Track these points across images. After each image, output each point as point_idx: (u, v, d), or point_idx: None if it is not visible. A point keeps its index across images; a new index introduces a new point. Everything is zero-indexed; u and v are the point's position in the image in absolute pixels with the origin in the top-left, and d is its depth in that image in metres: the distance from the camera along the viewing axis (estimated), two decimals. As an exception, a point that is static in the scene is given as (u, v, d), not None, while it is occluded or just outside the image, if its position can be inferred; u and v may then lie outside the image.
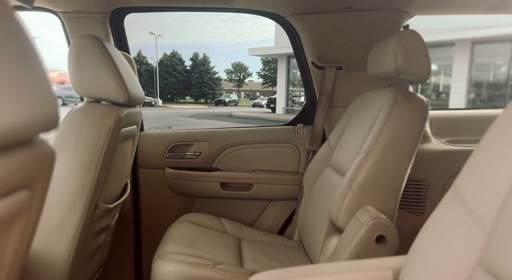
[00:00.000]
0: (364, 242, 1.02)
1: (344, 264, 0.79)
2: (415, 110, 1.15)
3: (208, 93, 36.65)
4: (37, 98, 0.48)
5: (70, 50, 1.14)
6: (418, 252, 0.67)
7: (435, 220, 0.66)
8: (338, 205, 1.14)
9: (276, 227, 1.79)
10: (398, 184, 1.13)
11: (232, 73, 44.02)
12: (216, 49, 68.73)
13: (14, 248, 0.56)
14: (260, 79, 40.43)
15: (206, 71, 37.00)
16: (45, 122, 0.50)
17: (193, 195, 1.77)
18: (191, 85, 36.52)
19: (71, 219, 1.05)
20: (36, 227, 0.63)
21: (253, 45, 75.40)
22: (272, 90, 36.50)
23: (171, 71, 35.87)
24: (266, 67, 38.55)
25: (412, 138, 1.13)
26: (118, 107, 1.17)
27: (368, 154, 1.13)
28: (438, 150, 1.62)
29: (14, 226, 0.54)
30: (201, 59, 37.51)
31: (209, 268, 1.16)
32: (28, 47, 0.49)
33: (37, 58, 0.50)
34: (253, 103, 27.64)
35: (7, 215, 0.49)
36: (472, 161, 0.63)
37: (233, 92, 41.51)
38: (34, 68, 0.49)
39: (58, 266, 1.05)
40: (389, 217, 1.09)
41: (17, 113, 0.43)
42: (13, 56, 0.45)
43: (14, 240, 0.55)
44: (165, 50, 50.43)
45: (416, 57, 1.15)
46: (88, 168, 1.06)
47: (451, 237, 0.61)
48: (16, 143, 0.47)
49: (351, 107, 1.48)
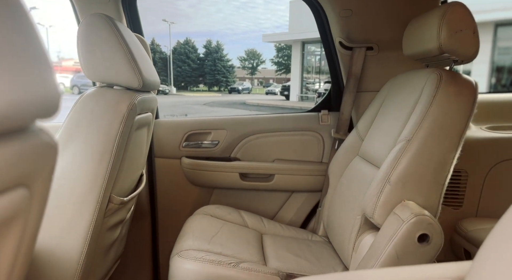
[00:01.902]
0: (405, 241, 0.92)
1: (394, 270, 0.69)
2: (463, 93, 1.02)
3: (222, 81, 36.50)
4: (31, 81, 0.39)
5: (79, 31, 1.04)
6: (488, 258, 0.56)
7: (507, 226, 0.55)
8: (373, 199, 1.03)
9: (298, 220, 1.69)
10: (443, 176, 1.01)
11: (246, 60, 43.67)
12: (229, 36, 68.16)
13: (13, 250, 0.48)
14: (273, 66, 40.01)
15: (219, 59, 36.80)
16: (43, 107, 0.41)
17: (211, 186, 1.68)
18: (204, 73, 36.42)
19: (84, 214, 0.97)
20: (38, 228, 0.55)
21: (267, 31, 74.52)
22: (286, 78, 36.10)
23: (184, 59, 35.80)
24: (280, 54, 38.07)
25: (459, 125, 1.00)
26: (132, 93, 1.07)
27: (408, 143, 1.01)
28: (478, 138, 1.48)
29: (10, 228, 0.45)
30: (214, 46, 37.28)
31: (232, 266, 1.08)
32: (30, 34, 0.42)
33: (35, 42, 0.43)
34: (266, 91, 27.41)
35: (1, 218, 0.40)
36: None
37: (246, 80, 41.24)
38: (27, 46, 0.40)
39: (71, 263, 0.98)
40: (432, 213, 0.98)
41: (8, 96, 0.34)
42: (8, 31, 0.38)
43: (12, 242, 0.47)
44: (179, 38, 50.30)
45: (463, 33, 1.02)
46: (100, 158, 0.98)
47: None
48: (7, 131, 0.38)
49: (384, 91, 1.36)
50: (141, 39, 1.44)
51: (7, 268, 0.49)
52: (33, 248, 0.57)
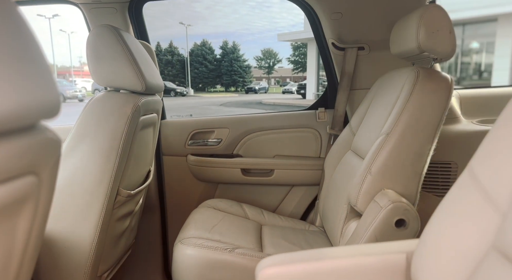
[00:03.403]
0: (383, 226, 1.00)
1: (357, 247, 0.78)
2: (438, 89, 1.09)
3: (238, 81, 36.73)
4: (37, 86, 0.50)
5: (88, 41, 1.17)
6: (431, 234, 0.65)
7: (449, 202, 0.63)
8: (356, 188, 1.11)
9: (298, 213, 1.78)
10: (420, 166, 1.08)
11: (262, 60, 43.76)
12: (245, 36, 68.45)
13: (26, 231, 0.59)
14: (290, 65, 39.95)
15: (236, 59, 37.02)
16: (46, 109, 0.52)
17: (215, 181, 1.79)
18: (221, 74, 36.73)
19: (94, 205, 1.09)
20: (48, 213, 0.66)
21: (282, 30, 74.33)
22: (302, 76, 36.00)
23: (201, 61, 36.21)
24: (296, 52, 37.97)
25: (434, 118, 1.07)
26: (136, 96, 1.19)
27: (388, 136, 1.09)
28: (469, 131, 1.53)
29: (22, 209, 0.56)
30: (231, 47, 37.53)
31: (228, 251, 1.18)
32: (29, 40, 0.50)
33: (38, 51, 0.52)
34: (283, 89, 27.42)
35: (13, 199, 0.51)
36: (488, 140, 0.60)
37: (263, 80, 41.34)
38: (34, 59, 0.51)
39: (83, 250, 1.10)
40: (410, 201, 1.05)
41: (17, 100, 0.44)
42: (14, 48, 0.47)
43: (25, 223, 0.58)
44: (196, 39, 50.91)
45: (440, 33, 1.08)
46: (108, 155, 1.10)
47: (465, 219, 0.58)
48: (17, 128, 0.48)
49: (374, 88, 1.43)
50: (146, 45, 1.56)
51: (21, 246, 0.61)
52: (43, 231, 0.68)
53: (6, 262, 0.57)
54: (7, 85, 0.44)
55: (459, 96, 1.65)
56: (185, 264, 1.18)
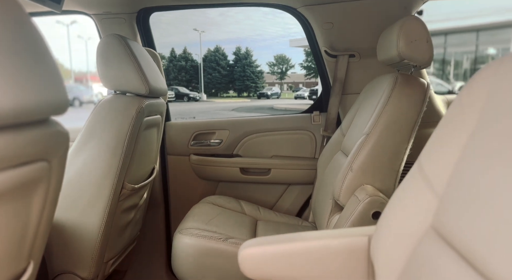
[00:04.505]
0: (361, 218, 1.09)
1: (327, 231, 0.87)
2: (414, 93, 1.18)
3: (251, 86, 36.93)
4: (48, 86, 0.60)
5: (97, 48, 1.30)
6: (384, 218, 0.74)
7: (400, 189, 0.72)
8: (339, 184, 1.21)
9: (294, 210, 1.87)
10: (397, 164, 1.17)
11: (274, 65, 43.92)
12: (258, 42, 68.87)
13: (39, 208, 0.70)
14: (302, 70, 40.01)
15: (249, 65, 37.27)
16: (55, 106, 0.63)
17: (216, 179, 1.90)
18: (234, 79, 37.02)
19: (101, 196, 1.21)
20: (58, 194, 0.77)
21: (295, 36, 74.48)
22: (315, 82, 35.98)
23: (214, 66, 36.59)
24: (309, 58, 37.98)
25: (410, 120, 1.16)
26: (141, 98, 1.31)
27: (367, 136, 1.18)
28: None
29: (36, 190, 0.67)
30: (244, 53, 37.83)
31: (221, 241, 1.28)
32: (39, 45, 0.60)
33: (48, 54, 0.61)
34: (295, 95, 27.47)
35: (28, 180, 0.62)
36: (434, 135, 0.69)
37: (275, 85, 41.46)
38: (44, 61, 0.61)
39: (91, 236, 1.22)
40: (387, 195, 1.14)
41: (27, 97, 0.54)
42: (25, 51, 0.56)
43: (38, 202, 0.69)
44: (209, 45, 51.52)
45: (418, 42, 1.18)
46: (113, 152, 1.22)
47: (410, 203, 0.67)
48: (32, 121, 0.60)
49: (362, 93, 1.53)
50: (152, 52, 1.69)
51: (36, 221, 0.72)
52: (54, 211, 0.78)
53: (23, 233, 0.69)
54: (23, 85, 0.55)
55: (447, 101, 1.73)
56: (183, 252, 1.29)
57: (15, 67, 0.53)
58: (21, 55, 0.55)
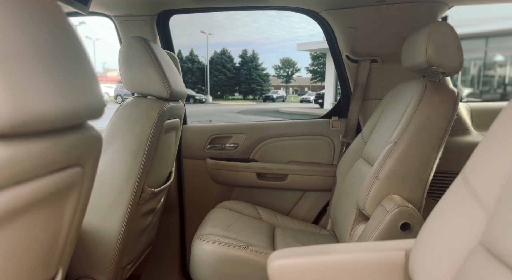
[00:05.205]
0: (389, 229, 1.06)
1: (360, 244, 0.84)
2: (444, 101, 1.15)
3: (256, 89, 37.00)
4: (85, 89, 0.59)
5: (120, 51, 1.29)
6: (426, 232, 0.71)
7: (443, 203, 0.70)
8: (365, 193, 1.18)
9: (310, 217, 1.84)
10: (426, 174, 1.14)
11: (280, 69, 43.99)
12: (264, 45, 69.01)
13: (71, 215, 0.69)
14: (308, 74, 40.03)
15: (255, 68, 37.36)
16: (92, 110, 0.61)
17: (231, 184, 1.88)
18: (240, 82, 37.12)
19: (122, 200, 1.19)
20: (88, 199, 0.75)
21: (302, 40, 74.58)
22: (321, 86, 35.97)
23: (221, 69, 36.71)
24: (315, 62, 38.04)
25: (440, 129, 1.13)
26: (162, 102, 1.29)
27: (395, 144, 1.15)
28: (478, 143, 1.57)
29: (69, 196, 0.66)
30: (250, 56, 37.94)
31: (242, 248, 1.26)
32: (77, 48, 0.59)
33: (85, 58, 0.61)
34: (301, 99, 27.47)
35: (63, 186, 0.61)
36: (480, 147, 0.66)
37: (281, 88, 41.50)
38: (82, 64, 0.60)
39: (111, 241, 1.20)
40: (416, 206, 1.11)
41: (68, 102, 0.53)
42: (66, 55, 0.56)
43: (70, 209, 0.68)
44: (216, 48, 51.74)
45: (448, 49, 1.15)
46: (135, 155, 1.20)
47: (456, 218, 0.64)
48: (68, 126, 0.58)
49: (385, 99, 1.50)
50: (171, 55, 1.68)
51: (67, 228, 0.70)
52: (83, 217, 0.77)
53: (53, 241, 0.67)
54: (64, 89, 0.54)
55: (471, 109, 1.70)
56: (202, 258, 1.26)
57: (57, 71, 0.52)
58: (62, 59, 0.54)
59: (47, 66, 0.51)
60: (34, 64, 0.48)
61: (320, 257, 0.81)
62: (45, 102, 0.49)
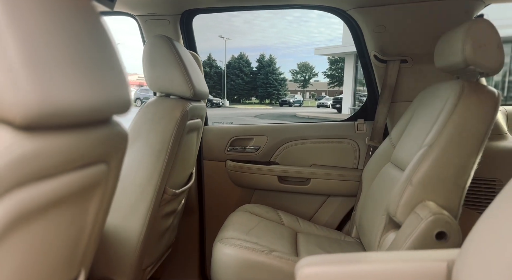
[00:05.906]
0: (423, 238, 0.99)
1: (396, 253, 0.79)
2: (484, 103, 1.08)
3: (273, 94, 37.00)
4: (113, 85, 0.57)
5: (144, 49, 1.27)
6: (473, 245, 0.65)
7: (492, 214, 0.64)
8: (396, 199, 1.11)
9: (334, 223, 1.78)
10: (463, 180, 1.07)
11: (298, 73, 43.89)
12: (282, 50, 69.11)
13: (95, 212, 0.66)
14: (326, 79, 39.77)
15: (272, 72, 37.39)
16: (119, 105, 0.59)
17: (252, 187, 1.84)
18: (256, 86, 37.19)
19: (143, 200, 1.17)
20: (112, 198, 0.73)
21: (319, 44, 74.37)
22: (338, 90, 35.69)
23: (238, 73, 36.89)
24: (333, 66, 37.80)
25: (479, 132, 1.06)
26: (185, 101, 1.27)
27: (430, 148, 1.09)
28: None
29: (94, 194, 0.63)
30: (267, 60, 38.00)
31: (264, 253, 1.21)
32: (108, 43, 0.58)
33: (114, 53, 0.59)
34: (318, 103, 27.28)
35: (88, 183, 0.58)
36: None
37: (298, 93, 41.39)
38: (112, 59, 0.58)
39: (132, 242, 1.17)
40: (452, 214, 1.04)
41: (96, 95, 0.52)
42: (97, 49, 0.55)
43: (94, 207, 0.65)
44: (233, 52, 52.12)
45: (487, 47, 1.08)
46: (158, 155, 1.18)
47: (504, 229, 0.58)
48: (96, 120, 0.56)
49: (416, 101, 1.43)
50: (194, 55, 1.66)
51: (90, 226, 0.68)
52: (107, 215, 0.75)
53: (77, 240, 0.64)
54: (95, 83, 0.52)
55: (506, 113, 1.61)
56: (223, 263, 1.22)
57: (87, 63, 0.51)
58: (93, 52, 0.53)
59: (78, 58, 0.49)
60: (64, 55, 0.47)
61: (353, 266, 0.76)
62: (73, 93, 0.47)
